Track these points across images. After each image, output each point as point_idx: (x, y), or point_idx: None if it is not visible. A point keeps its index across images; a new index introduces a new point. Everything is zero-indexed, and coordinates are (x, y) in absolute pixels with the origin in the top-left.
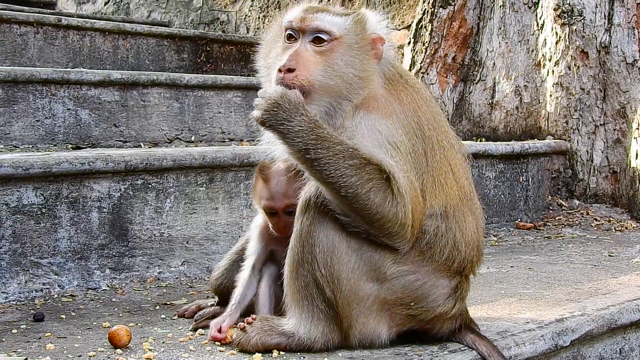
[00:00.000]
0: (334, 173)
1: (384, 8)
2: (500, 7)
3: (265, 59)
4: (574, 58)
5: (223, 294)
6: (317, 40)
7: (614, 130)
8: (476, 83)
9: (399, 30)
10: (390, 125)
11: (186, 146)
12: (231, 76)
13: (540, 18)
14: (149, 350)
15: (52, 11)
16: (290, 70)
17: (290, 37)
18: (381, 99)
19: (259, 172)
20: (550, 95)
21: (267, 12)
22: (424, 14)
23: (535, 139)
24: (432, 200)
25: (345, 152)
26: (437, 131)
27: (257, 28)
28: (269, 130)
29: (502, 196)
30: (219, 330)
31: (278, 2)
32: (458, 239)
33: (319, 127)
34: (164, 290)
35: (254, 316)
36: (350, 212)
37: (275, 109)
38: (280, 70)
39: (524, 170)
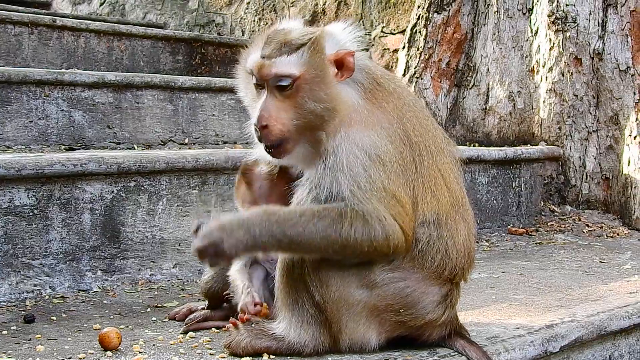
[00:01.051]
0: (312, 243)
1: (379, 12)
2: (495, 13)
3: (243, 90)
4: (568, 64)
5: (213, 297)
6: (280, 86)
7: (607, 136)
8: (470, 88)
9: (394, 34)
10: (374, 137)
11: (179, 148)
12: (225, 79)
13: (534, 24)
14: (139, 352)
15: (47, 12)
16: (264, 127)
17: (258, 85)
18: (363, 111)
19: (241, 174)
20: (544, 102)
21: (263, 14)
22: (418, 19)
23: (528, 145)
24: (424, 208)
25: (313, 218)
26: (424, 136)
27: (252, 31)
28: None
29: (495, 201)
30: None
31: (273, 5)
32: (449, 247)
33: (273, 214)
34: (156, 293)
35: (247, 316)
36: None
37: (214, 245)
38: (255, 127)
39: (516, 175)
